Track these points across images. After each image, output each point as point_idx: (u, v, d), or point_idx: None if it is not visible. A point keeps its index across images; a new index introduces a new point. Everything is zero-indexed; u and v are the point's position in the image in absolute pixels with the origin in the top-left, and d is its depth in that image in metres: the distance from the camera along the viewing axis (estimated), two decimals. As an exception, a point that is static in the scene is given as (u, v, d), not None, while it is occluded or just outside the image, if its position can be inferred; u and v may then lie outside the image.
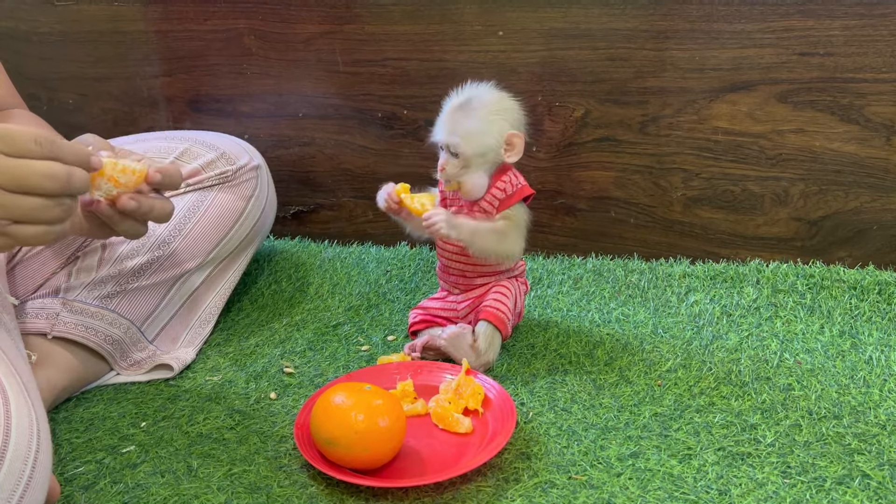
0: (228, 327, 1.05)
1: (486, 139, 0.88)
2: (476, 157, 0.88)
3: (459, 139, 0.87)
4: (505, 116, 0.89)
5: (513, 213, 0.91)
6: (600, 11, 1.08)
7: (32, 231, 0.60)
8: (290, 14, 1.21)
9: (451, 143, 0.88)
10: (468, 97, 0.89)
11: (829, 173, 1.07)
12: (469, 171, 0.89)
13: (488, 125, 0.88)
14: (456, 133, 0.88)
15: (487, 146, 0.88)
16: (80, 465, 0.77)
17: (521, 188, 0.92)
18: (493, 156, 0.89)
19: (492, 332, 0.90)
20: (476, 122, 0.88)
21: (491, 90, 0.90)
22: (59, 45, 1.33)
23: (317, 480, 0.74)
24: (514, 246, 0.91)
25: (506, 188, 0.91)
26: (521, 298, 0.96)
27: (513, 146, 0.89)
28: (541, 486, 0.72)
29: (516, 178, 0.92)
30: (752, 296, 1.04)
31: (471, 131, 0.87)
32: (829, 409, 0.81)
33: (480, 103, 0.88)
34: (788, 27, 1.02)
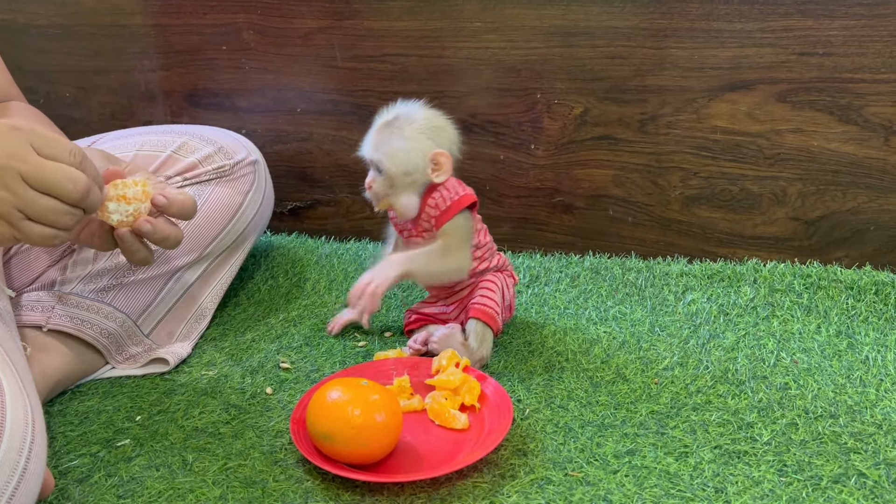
0: (225, 322, 1.05)
1: (412, 158, 0.86)
2: (402, 177, 0.87)
3: (384, 157, 0.86)
4: (432, 135, 0.87)
5: (451, 227, 0.89)
6: (600, 9, 1.08)
7: (40, 231, 0.61)
8: (289, 9, 1.21)
9: (376, 160, 0.87)
10: (396, 115, 0.88)
11: (826, 173, 1.07)
12: (396, 190, 0.88)
13: (413, 143, 0.86)
14: (380, 150, 0.87)
15: (413, 165, 0.86)
16: (75, 459, 0.77)
17: (456, 200, 0.89)
18: (420, 175, 0.87)
19: (482, 328, 0.90)
20: (401, 141, 0.86)
21: (421, 109, 0.89)
22: (57, 38, 1.32)
23: (313, 475, 0.74)
24: (458, 261, 0.90)
25: (438, 204, 0.89)
26: (508, 290, 0.95)
27: (440, 165, 0.87)
28: (537, 483, 0.72)
29: (448, 192, 0.89)
30: (750, 295, 1.04)
31: (395, 150, 0.86)
32: (826, 409, 0.81)
33: (407, 121, 0.87)
34: (788, 27, 1.02)
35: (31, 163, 0.59)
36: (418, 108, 0.89)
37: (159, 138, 1.02)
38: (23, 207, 0.59)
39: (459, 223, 0.90)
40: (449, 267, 0.90)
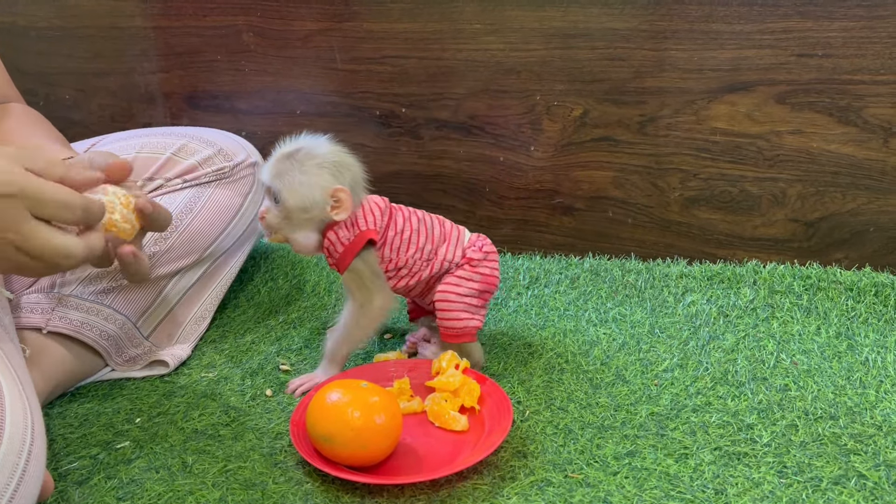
0: (224, 324, 1.05)
1: (311, 193, 0.81)
2: (299, 212, 0.81)
3: (283, 187, 0.81)
4: (333, 171, 0.81)
5: (351, 278, 0.86)
6: (599, 11, 1.08)
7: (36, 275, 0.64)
8: (289, 11, 1.21)
9: (274, 189, 0.81)
10: (298, 146, 0.82)
11: (826, 175, 1.07)
12: (292, 224, 0.82)
13: (314, 178, 0.81)
14: (280, 180, 0.81)
15: (311, 201, 0.81)
16: (75, 461, 0.77)
17: (349, 245, 0.84)
18: (319, 212, 0.82)
19: (459, 347, 0.88)
20: (301, 175, 0.80)
21: (325, 143, 0.84)
22: (57, 41, 1.33)
23: (312, 477, 0.74)
24: (375, 308, 0.86)
25: (332, 251, 0.85)
26: (472, 281, 0.88)
27: (340, 203, 0.82)
28: (537, 485, 0.72)
29: (345, 233, 0.84)
30: (749, 296, 1.04)
31: (295, 182, 0.80)
32: (826, 410, 0.81)
33: (308, 155, 0.81)
34: (787, 28, 1.02)
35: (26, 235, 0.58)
36: (323, 142, 0.84)
37: (159, 140, 1.02)
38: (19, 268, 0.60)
39: (359, 268, 0.85)
40: (370, 321, 0.87)
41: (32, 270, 0.61)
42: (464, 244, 0.90)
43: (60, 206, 0.59)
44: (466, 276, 0.89)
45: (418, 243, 0.88)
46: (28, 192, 0.57)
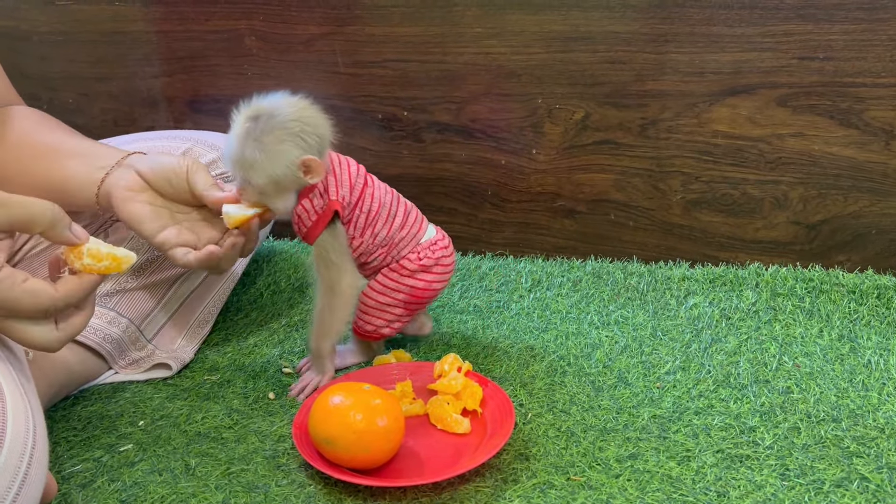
0: (227, 327, 1.05)
1: (276, 170, 0.78)
2: (269, 185, 0.78)
3: (248, 173, 0.78)
4: (295, 142, 0.78)
5: (319, 254, 0.85)
6: (600, 15, 1.08)
7: None
8: (291, 15, 1.21)
9: (240, 177, 0.79)
10: (255, 115, 0.77)
11: (828, 177, 1.07)
12: (269, 197, 0.80)
13: (278, 156, 0.77)
14: (243, 165, 0.77)
15: (280, 175, 0.78)
16: (78, 463, 0.77)
17: (318, 218, 0.83)
18: (291, 182, 0.79)
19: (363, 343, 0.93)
20: (261, 154, 0.77)
21: (283, 103, 0.79)
22: (59, 45, 1.33)
23: (315, 480, 0.74)
24: (348, 286, 0.86)
25: (302, 220, 0.84)
26: (399, 292, 0.89)
27: (310, 169, 0.79)
28: (539, 487, 0.72)
29: (314, 203, 0.83)
30: (751, 299, 1.04)
31: (257, 163, 0.77)
32: (828, 413, 0.81)
33: (267, 128, 0.77)
34: (788, 31, 1.02)
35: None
36: (280, 105, 0.78)
37: (164, 144, 1.02)
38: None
39: (326, 244, 0.84)
40: (343, 304, 0.86)
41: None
42: (419, 241, 0.90)
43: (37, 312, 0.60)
44: (394, 286, 0.89)
45: (375, 227, 0.87)
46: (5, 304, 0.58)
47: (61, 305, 0.60)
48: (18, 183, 0.84)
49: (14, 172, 0.85)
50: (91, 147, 0.86)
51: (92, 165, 0.83)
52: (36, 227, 0.59)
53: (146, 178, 0.81)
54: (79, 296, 0.62)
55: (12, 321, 0.59)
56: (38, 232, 0.60)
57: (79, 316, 0.64)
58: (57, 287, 0.60)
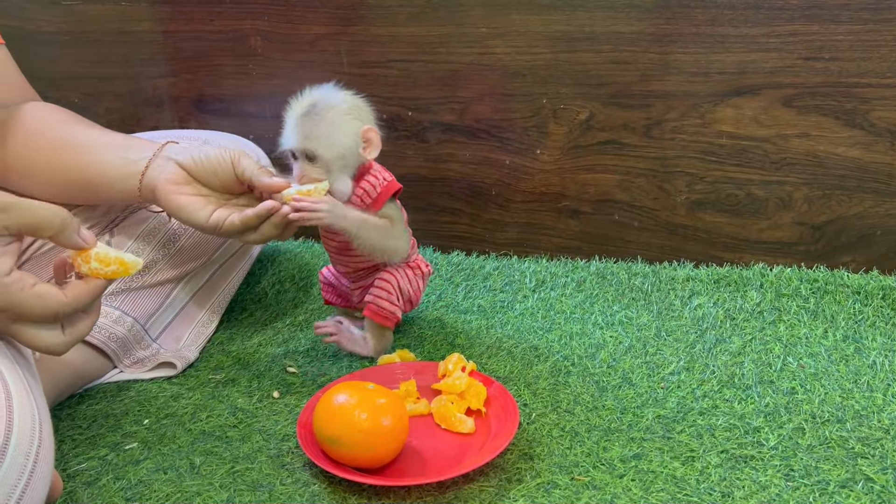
0: (232, 327, 1.05)
1: (343, 140, 0.85)
2: (336, 161, 0.85)
3: (315, 144, 0.84)
4: (355, 115, 0.86)
5: (388, 212, 0.90)
6: (605, 15, 1.08)
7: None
8: (296, 15, 1.21)
9: (308, 149, 0.84)
10: (313, 101, 0.85)
11: (833, 178, 1.07)
12: (332, 176, 0.85)
13: (341, 126, 0.85)
14: (310, 138, 0.84)
15: (345, 147, 0.85)
16: (83, 462, 0.78)
17: (386, 185, 0.90)
18: (353, 157, 0.86)
19: (376, 327, 0.94)
20: (328, 126, 0.84)
21: (333, 91, 0.87)
22: (65, 45, 1.33)
23: (319, 479, 0.74)
24: (398, 243, 0.91)
25: (368, 191, 0.89)
26: (412, 283, 0.95)
27: (370, 142, 0.86)
28: (543, 487, 0.72)
29: (377, 179, 0.90)
30: (756, 300, 1.04)
31: (325, 135, 0.84)
32: (833, 413, 0.81)
33: (327, 106, 0.85)
34: (793, 32, 1.02)
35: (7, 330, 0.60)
36: (331, 90, 0.87)
37: (169, 144, 1.02)
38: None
39: (393, 208, 0.91)
40: (388, 245, 0.90)
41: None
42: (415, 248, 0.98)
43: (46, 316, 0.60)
44: (412, 281, 0.95)
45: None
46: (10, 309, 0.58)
47: (69, 310, 0.61)
48: (44, 175, 0.85)
49: (38, 165, 0.85)
50: (124, 139, 0.88)
51: (128, 158, 0.85)
52: (45, 231, 0.59)
53: (189, 170, 0.83)
54: (87, 300, 0.62)
55: (20, 325, 0.60)
56: (46, 236, 0.60)
57: (85, 320, 0.64)
58: (65, 292, 0.61)
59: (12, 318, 0.59)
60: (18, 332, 0.60)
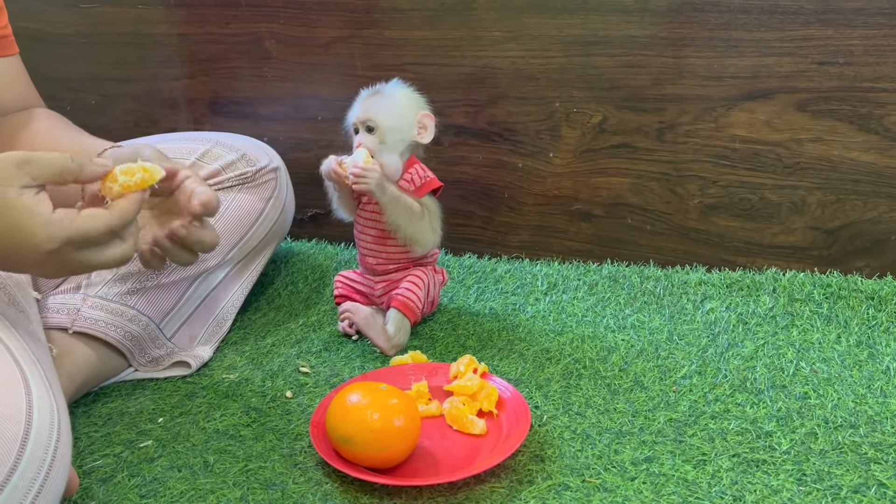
0: (245, 326, 1.06)
1: (403, 116, 0.95)
2: (392, 133, 0.94)
3: (377, 115, 0.94)
4: (416, 102, 0.97)
5: (427, 202, 0.97)
6: (619, 19, 1.08)
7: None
8: (311, 18, 1.22)
9: (369, 118, 0.94)
10: (380, 87, 0.97)
11: (847, 182, 1.07)
12: (386, 148, 0.94)
13: (403, 106, 0.96)
14: (373, 110, 0.94)
15: (404, 123, 0.95)
16: (99, 459, 0.78)
17: (429, 180, 0.98)
18: (407, 136, 0.96)
19: (401, 318, 0.97)
20: (391, 102, 0.95)
21: (400, 84, 0.98)
22: (82, 47, 1.35)
23: (331, 478, 0.75)
24: (427, 232, 0.97)
25: (413, 179, 0.97)
26: (435, 288, 1.02)
27: (425, 127, 0.96)
28: (554, 489, 0.72)
29: (423, 171, 0.98)
30: (769, 304, 1.03)
31: (387, 107, 0.95)
32: (846, 419, 0.81)
33: (393, 90, 0.97)
34: (807, 36, 1.02)
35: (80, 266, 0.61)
36: (398, 83, 0.98)
37: (184, 145, 1.03)
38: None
39: (433, 202, 0.98)
40: (417, 230, 0.96)
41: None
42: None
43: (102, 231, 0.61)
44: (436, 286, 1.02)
45: None
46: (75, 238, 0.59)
47: (119, 222, 0.62)
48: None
49: None
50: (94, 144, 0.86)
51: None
52: (67, 176, 0.61)
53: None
54: (131, 211, 0.63)
55: (85, 251, 0.61)
56: (70, 181, 0.61)
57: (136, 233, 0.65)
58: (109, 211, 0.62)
59: (77, 247, 0.60)
60: (87, 258, 0.61)
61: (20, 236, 0.58)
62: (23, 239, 0.58)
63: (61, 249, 0.59)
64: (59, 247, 0.59)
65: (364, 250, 1.01)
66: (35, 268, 0.62)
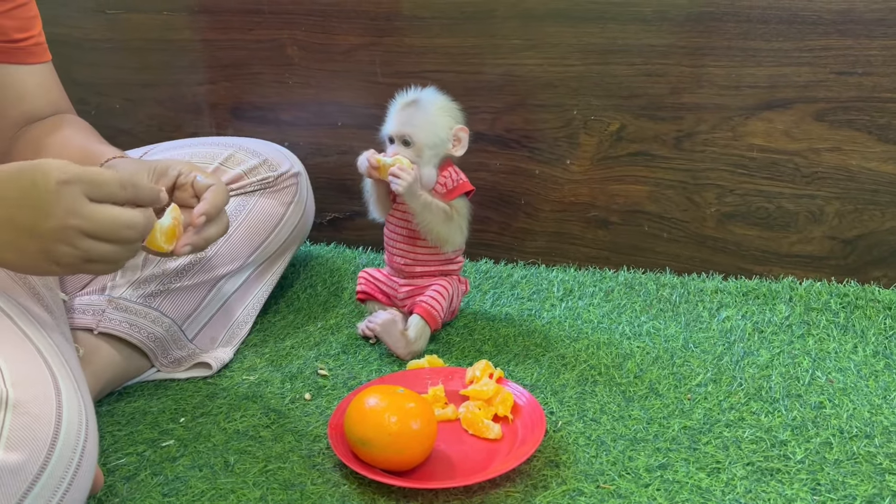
0: (265, 329, 1.08)
1: (438, 132, 0.96)
2: (428, 149, 0.96)
3: (414, 130, 0.95)
4: (451, 114, 0.98)
5: (457, 204, 0.99)
6: (637, 27, 1.09)
7: (103, 269, 0.64)
8: (332, 26, 1.24)
9: (406, 133, 0.95)
10: (416, 97, 0.98)
11: (865, 192, 1.07)
12: (421, 162, 0.96)
13: (439, 119, 0.97)
14: (410, 124, 0.96)
15: (439, 139, 0.97)
16: (122, 457, 0.80)
17: (461, 183, 1.00)
18: (442, 149, 0.98)
19: (423, 325, 0.98)
20: (428, 116, 0.96)
21: (435, 92, 0.99)
22: (108, 52, 1.37)
23: (349, 479, 0.76)
24: (456, 233, 0.99)
25: (447, 182, 0.99)
26: (457, 298, 1.04)
27: (459, 140, 0.98)
28: (569, 494, 0.73)
29: (457, 174, 1.01)
30: (785, 313, 1.04)
31: (424, 123, 0.96)
32: (861, 429, 0.81)
33: (429, 101, 0.97)
34: (826, 46, 1.02)
35: (88, 217, 0.60)
36: (433, 92, 0.99)
37: (207, 150, 1.05)
38: (85, 257, 0.61)
39: (462, 204, 1.00)
40: (446, 232, 0.98)
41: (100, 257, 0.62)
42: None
43: (115, 185, 0.62)
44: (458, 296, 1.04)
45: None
46: (84, 177, 0.60)
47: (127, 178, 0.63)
48: None
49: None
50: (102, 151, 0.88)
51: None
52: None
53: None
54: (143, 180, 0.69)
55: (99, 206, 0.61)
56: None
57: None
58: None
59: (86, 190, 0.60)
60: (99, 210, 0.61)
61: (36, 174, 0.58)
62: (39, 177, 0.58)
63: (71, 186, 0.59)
64: (70, 179, 0.59)
65: (393, 250, 1.03)
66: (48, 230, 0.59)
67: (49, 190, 0.58)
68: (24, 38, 0.87)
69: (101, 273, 0.63)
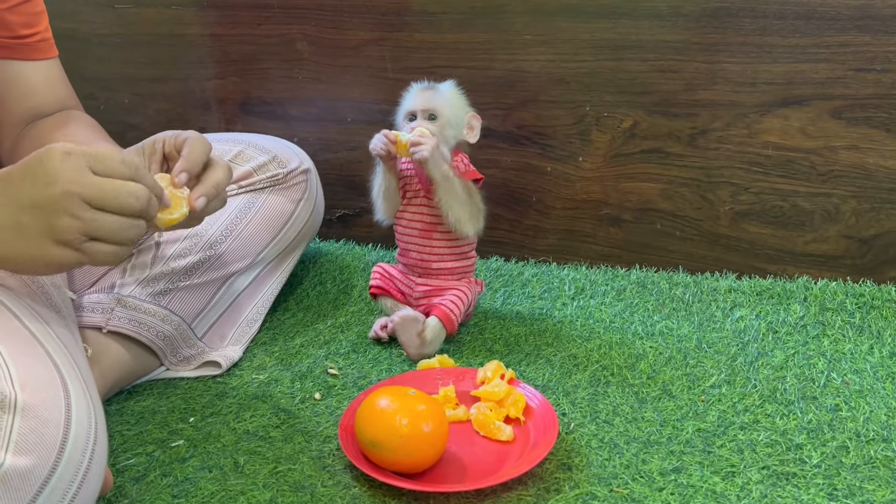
0: (275, 327, 1.07)
1: (459, 112, 0.99)
2: (450, 127, 0.98)
3: (439, 105, 0.98)
4: (465, 103, 1.01)
5: (470, 186, 0.99)
6: (651, 23, 1.08)
7: (106, 249, 0.62)
8: (342, 21, 1.23)
9: (433, 108, 0.97)
10: (433, 84, 1.00)
11: (882, 191, 1.05)
12: (441, 140, 0.97)
13: (458, 104, 1.00)
14: (434, 101, 0.98)
15: (459, 119, 0.99)
16: (132, 457, 0.80)
17: (472, 170, 1.01)
18: (460, 132, 1.00)
19: (440, 328, 0.97)
20: (448, 100, 0.99)
21: (452, 84, 1.01)
22: (117, 47, 1.37)
23: (360, 482, 0.75)
24: (475, 212, 0.98)
25: (458, 167, 1.00)
26: (475, 301, 1.04)
27: (472, 128, 1.01)
28: (582, 498, 0.72)
29: (465, 163, 1.02)
30: (800, 313, 1.02)
31: (446, 103, 0.98)
32: (878, 432, 0.80)
33: (447, 88, 1.00)
34: (844, 42, 1.01)
35: (91, 185, 0.59)
36: (451, 83, 1.01)
37: (216, 146, 1.03)
38: (87, 230, 0.60)
39: (473, 190, 0.99)
40: (467, 211, 0.97)
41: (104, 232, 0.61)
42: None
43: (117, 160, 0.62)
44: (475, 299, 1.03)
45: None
46: (88, 151, 0.60)
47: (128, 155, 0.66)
48: None
49: None
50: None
51: None
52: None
53: None
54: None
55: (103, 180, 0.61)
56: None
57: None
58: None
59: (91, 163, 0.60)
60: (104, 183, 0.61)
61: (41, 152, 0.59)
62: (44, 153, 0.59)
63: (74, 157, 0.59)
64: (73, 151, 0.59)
65: (407, 245, 1.02)
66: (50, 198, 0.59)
67: (53, 160, 0.59)
68: (30, 35, 0.87)
69: (104, 260, 0.61)
